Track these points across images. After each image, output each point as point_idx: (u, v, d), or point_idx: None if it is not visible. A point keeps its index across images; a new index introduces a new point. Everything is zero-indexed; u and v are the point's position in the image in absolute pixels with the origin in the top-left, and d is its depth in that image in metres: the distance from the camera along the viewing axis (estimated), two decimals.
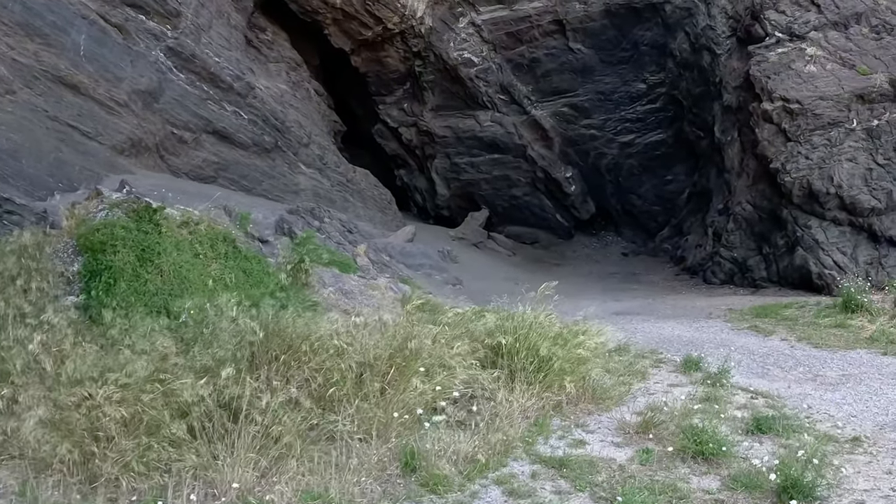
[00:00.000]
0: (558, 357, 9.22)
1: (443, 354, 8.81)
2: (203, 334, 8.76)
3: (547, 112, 32.59)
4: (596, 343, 10.37)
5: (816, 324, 16.08)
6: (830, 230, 20.94)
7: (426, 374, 8.27)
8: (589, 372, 9.46)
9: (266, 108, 26.96)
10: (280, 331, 8.25)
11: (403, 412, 7.68)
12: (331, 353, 7.99)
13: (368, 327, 9.02)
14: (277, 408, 7.26)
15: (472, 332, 9.81)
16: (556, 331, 9.70)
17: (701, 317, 18.06)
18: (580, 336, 9.87)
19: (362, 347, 8.20)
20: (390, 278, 19.77)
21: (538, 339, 9.36)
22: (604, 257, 34.63)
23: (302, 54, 31.90)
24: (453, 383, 8.43)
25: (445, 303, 18.63)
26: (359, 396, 7.75)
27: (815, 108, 20.80)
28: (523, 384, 8.89)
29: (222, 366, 7.57)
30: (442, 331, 9.37)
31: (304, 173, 28.05)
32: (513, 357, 9.18)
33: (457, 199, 35.06)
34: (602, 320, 18.40)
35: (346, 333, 8.41)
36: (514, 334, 9.40)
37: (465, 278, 26.02)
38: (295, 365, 8.03)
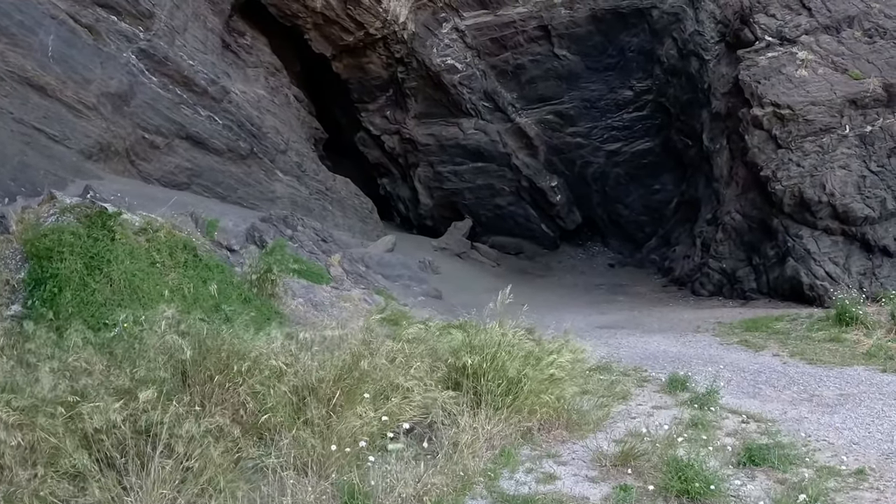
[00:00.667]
0: (529, 378, 8.24)
1: (400, 375, 7.81)
2: (134, 350, 7.79)
3: (532, 120, 31.69)
4: (572, 361, 9.36)
5: (809, 338, 15.16)
6: (822, 240, 20.04)
7: (378, 399, 7.28)
8: (563, 394, 8.45)
9: (242, 114, 26.02)
10: (217, 348, 7.27)
11: (348, 442, 6.66)
12: (266, 375, 6.99)
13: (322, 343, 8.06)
14: (201, 436, 6.27)
15: (436, 351, 8.80)
16: (527, 349, 8.67)
17: (688, 330, 17.12)
18: (554, 354, 8.83)
19: (304, 368, 7.19)
20: (365, 290, 18.90)
21: (507, 358, 8.35)
22: (590, 268, 33.71)
23: (282, 60, 30.99)
24: (409, 408, 7.43)
25: (420, 316, 17.68)
26: (297, 425, 6.74)
27: (806, 114, 19.92)
28: (490, 409, 7.90)
29: (143, 387, 6.58)
30: (401, 348, 8.36)
31: (281, 181, 27.08)
32: (479, 378, 8.20)
33: (440, 208, 34.11)
34: (585, 334, 17.49)
35: (287, 352, 7.40)
36: (481, 353, 8.40)
37: (446, 290, 25.09)
38: (230, 387, 7.04)
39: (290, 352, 7.54)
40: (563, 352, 9.27)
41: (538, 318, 20.91)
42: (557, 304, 24.52)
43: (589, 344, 15.81)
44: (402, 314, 16.20)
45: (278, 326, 12.79)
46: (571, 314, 21.54)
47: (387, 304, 16.68)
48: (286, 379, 7.06)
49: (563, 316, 21.52)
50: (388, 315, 15.93)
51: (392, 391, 7.46)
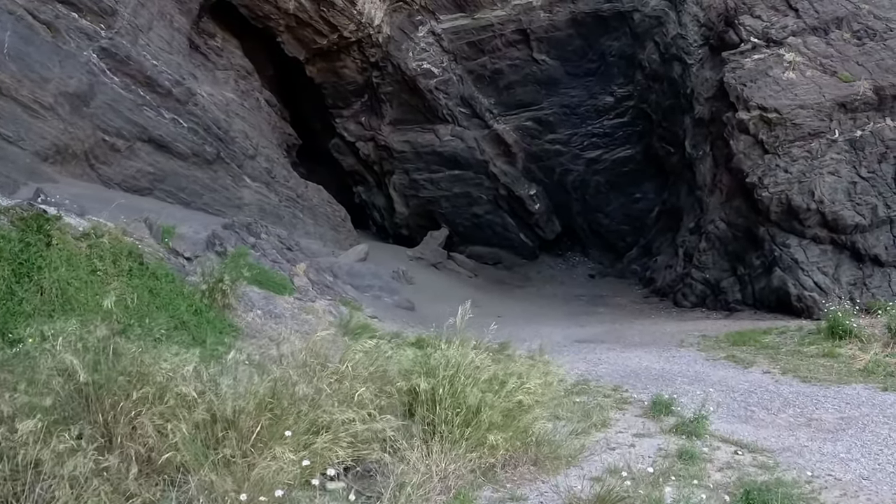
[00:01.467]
0: (492, 406, 7.03)
1: (339, 403, 6.61)
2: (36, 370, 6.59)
3: (510, 126, 30.61)
4: (544, 384, 8.18)
5: (801, 353, 14.09)
6: (811, 249, 19.02)
7: (312, 432, 6.08)
8: (531, 424, 7.26)
9: (208, 117, 24.80)
10: (123, 369, 6.08)
11: (267, 488, 5.45)
12: (171, 405, 5.79)
13: (255, 364, 6.89)
14: (88, 476, 5.10)
15: (386, 373, 7.60)
16: (491, 371, 7.46)
17: (672, 345, 15.99)
18: (522, 377, 7.64)
19: (220, 396, 5.97)
20: (331, 301, 17.79)
21: (467, 382, 7.16)
22: (570, 279, 32.61)
23: (255, 63, 29.86)
24: (346, 443, 6.22)
25: (388, 328, 16.52)
26: (206, 465, 5.53)
27: (794, 118, 18.92)
28: (445, 442, 6.69)
29: (24, 416, 5.40)
30: (346, 371, 7.15)
31: (250, 187, 25.85)
32: (434, 406, 6.99)
33: (416, 217, 32.94)
34: (562, 349, 16.35)
35: (203, 376, 6.19)
36: (437, 376, 7.20)
37: (420, 301, 23.97)
38: (136, 417, 5.83)
39: (207, 375, 6.32)
40: (532, 373, 8.08)
41: (514, 330, 19.79)
42: (535, 315, 23.42)
43: (566, 360, 14.69)
44: (366, 327, 15.11)
45: (231, 340, 11.66)
46: (549, 327, 20.43)
47: (351, 317, 15.59)
48: (197, 409, 5.84)
49: (540, 329, 20.42)
50: (351, 328, 14.84)
51: (328, 422, 6.25)
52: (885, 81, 18.75)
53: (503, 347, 15.39)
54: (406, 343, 10.82)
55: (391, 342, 12.85)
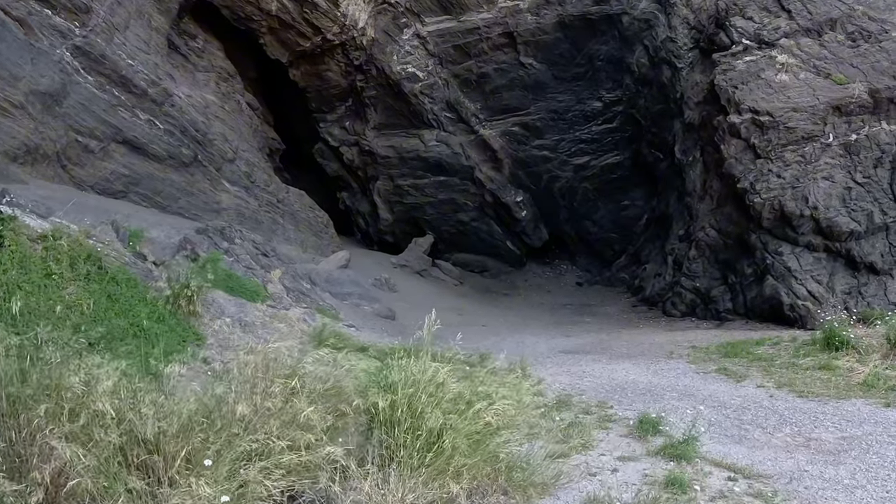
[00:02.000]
0: (455, 429, 6.23)
1: (285, 424, 5.82)
2: None
3: (496, 131, 29.84)
4: (518, 402, 7.39)
5: (796, 365, 13.33)
6: (804, 257, 18.29)
7: (241, 459, 5.28)
8: (501, 447, 6.45)
9: (185, 118, 23.97)
10: (36, 382, 5.32)
11: None
12: (83, 424, 4.99)
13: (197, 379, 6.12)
14: None
15: (342, 389, 6.80)
16: (457, 390, 6.66)
17: (660, 356, 15.22)
18: (492, 396, 6.84)
19: (141, 416, 5.17)
20: (307, 309, 17.03)
21: (430, 401, 6.36)
22: (557, 287, 31.83)
23: (238, 66, 29.07)
24: (287, 469, 5.42)
25: (365, 338, 15.73)
26: (121, 493, 4.73)
27: (787, 121, 18.21)
28: (404, 469, 5.88)
29: None
30: (295, 386, 6.34)
31: (228, 191, 25.02)
32: (392, 428, 6.19)
33: (401, 223, 32.13)
34: (546, 361, 15.56)
35: (121, 391, 5.39)
36: (397, 394, 6.40)
37: (402, 309, 23.20)
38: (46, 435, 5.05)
39: (132, 390, 5.51)
40: (507, 389, 7.28)
41: (497, 340, 19.01)
42: (520, 325, 22.65)
43: (549, 372, 13.91)
44: (340, 336, 14.35)
45: (195, 349, 10.90)
46: (534, 337, 19.66)
47: (324, 326, 14.84)
48: (113, 430, 5.03)
49: (524, 338, 19.66)
50: (324, 337, 14.11)
51: (265, 448, 5.45)
52: (881, 84, 18.07)
53: (483, 359, 14.61)
54: (376, 353, 10.01)
55: (357, 354, 12.08)
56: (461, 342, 18.13)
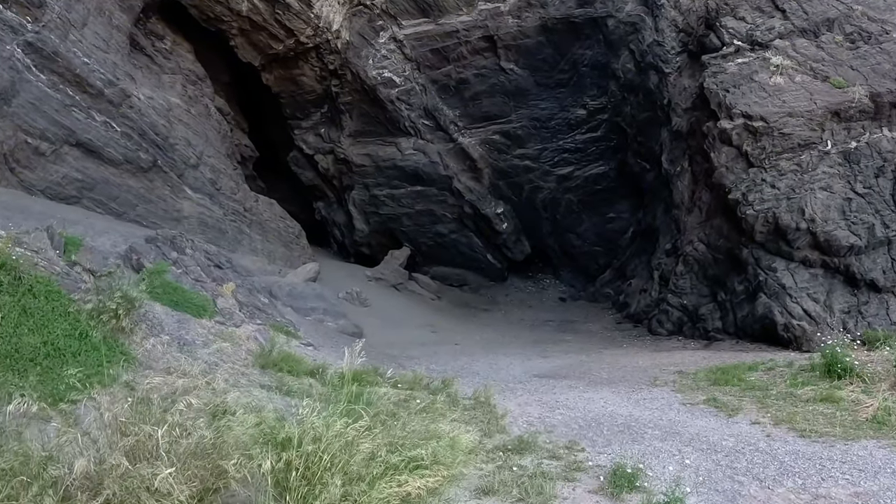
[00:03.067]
0: (371, 497, 4.58)
1: (127, 491, 4.18)
2: None
3: (476, 140, 28.27)
4: (462, 451, 5.76)
5: (794, 396, 11.74)
6: (800, 273, 16.74)
7: None
8: None
9: (144, 121, 22.35)
10: None
11: None
12: None
13: None
14: None
15: (221, 444, 5.14)
16: (370, 448, 5.00)
17: (643, 383, 13.59)
18: (422, 452, 5.20)
19: None
20: (261, 325, 15.40)
21: (334, 462, 4.71)
22: (539, 302, 30.20)
23: (210, 69, 27.50)
24: None
25: (321, 359, 14.07)
26: None
27: (782, 127, 16.67)
28: None
29: None
30: (159, 440, 4.70)
31: (190, 198, 23.36)
32: (280, 498, 4.55)
33: (377, 235, 30.48)
34: (517, 387, 13.91)
35: None
36: (292, 452, 4.75)
37: (371, 325, 21.62)
38: None
39: None
40: (451, 432, 5.64)
41: (469, 362, 17.34)
42: (497, 343, 21.04)
43: (517, 402, 12.27)
44: (290, 357, 12.72)
45: (118, 371, 9.62)
46: (509, 358, 18.04)
47: (274, 345, 13.21)
48: None
49: (498, 360, 18.04)
50: (272, 359, 12.53)
51: None
52: (883, 88, 16.58)
53: (445, 385, 12.96)
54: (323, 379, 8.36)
55: (303, 379, 10.48)
56: (429, 363, 16.45)
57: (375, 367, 14.21)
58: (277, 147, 31.86)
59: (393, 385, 12.62)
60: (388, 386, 12.58)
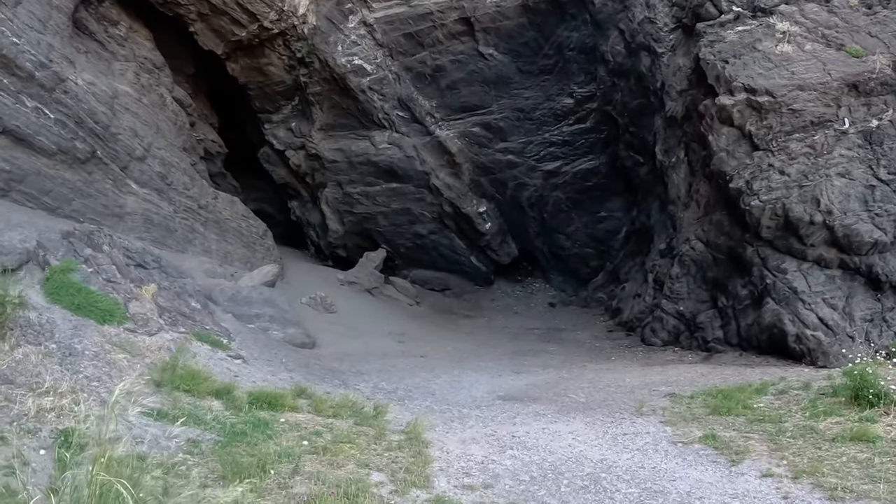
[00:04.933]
0: None
1: None
2: None
3: (454, 132, 25.43)
4: None
5: (816, 431, 8.95)
6: (814, 275, 13.93)
7: None
8: None
9: (82, 108, 19.63)
10: None
11: None
12: None
13: None
14: None
15: None
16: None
17: (626, 410, 10.79)
18: None
19: None
20: (183, 334, 12.83)
21: None
22: (527, 308, 27.37)
23: (173, 59, 24.88)
24: None
25: (241, 377, 11.34)
26: None
27: (791, 102, 13.84)
28: None
29: None
30: None
31: (136, 193, 20.64)
32: None
33: (353, 236, 27.69)
34: (472, 413, 11.13)
35: None
36: None
37: (331, 334, 18.96)
38: None
39: None
40: None
41: (428, 378, 14.51)
42: (469, 355, 18.24)
43: (462, 437, 9.50)
44: (196, 375, 10.14)
45: None
46: (476, 373, 15.22)
47: (178, 359, 10.76)
48: None
49: (463, 376, 15.24)
50: (176, 376, 10.00)
51: None
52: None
53: (377, 412, 10.22)
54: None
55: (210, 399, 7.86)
56: (379, 380, 13.52)
57: (303, 386, 11.50)
58: (254, 144, 29.16)
59: (314, 410, 9.97)
60: (309, 411, 9.95)
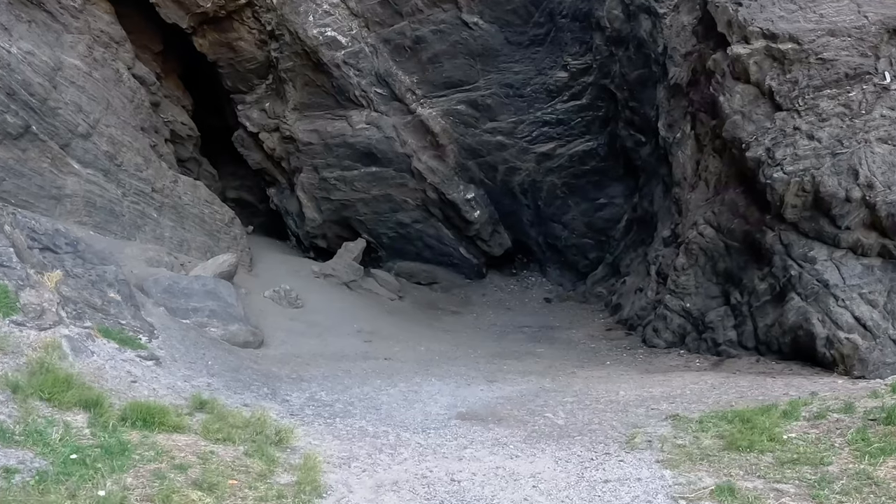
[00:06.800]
0: None
1: None
2: None
3: (437, 111, 22.58)
4: None
5: (874, 481, 6.19)
6: (849, 264, 11.11)
7: None
8: None
9: (15, 78, 17.01)
10: None
11: None
12: None
13: None
14: None
15: None
16: None
17: (614, 440, 7.99)
18: None
19: None
20: (87, 329, 10.20)
21: None
22: (520, 304, 24.55)
23: (138, 34, 22.42)
24: None
25: (145, 378, 8.70)
26: None
27: (821, 50, 11.00)
28: None
29: None
30: None
31: (78, 174, 18.00)
32: None
33: (332, 225, 24.95)
34: (411, 441, 8.39)
35: None
36: None
37: (288, 331, 16.42)
38: None
39: None
40: None
41: (382, 386, 11.53)
42: (443, 358, 15.49)
43: (379, 479, 6.72)
44: (68, 380, 7.53)
45: None
46: (440, 382, 12.40)
47: (41, 362, 8.12)
48: None
49: (423, 385, 12.38)
50: (38, 380, 7.36)
51: None
52: None
53: (280, 439, 7.45)
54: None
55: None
56: (320, 389, 10.97)
57: (206, 398, 8.76)
58: (232, 129, 26.49)
59: (202, 431, 7.27)
60: (197, 432, 7.25)
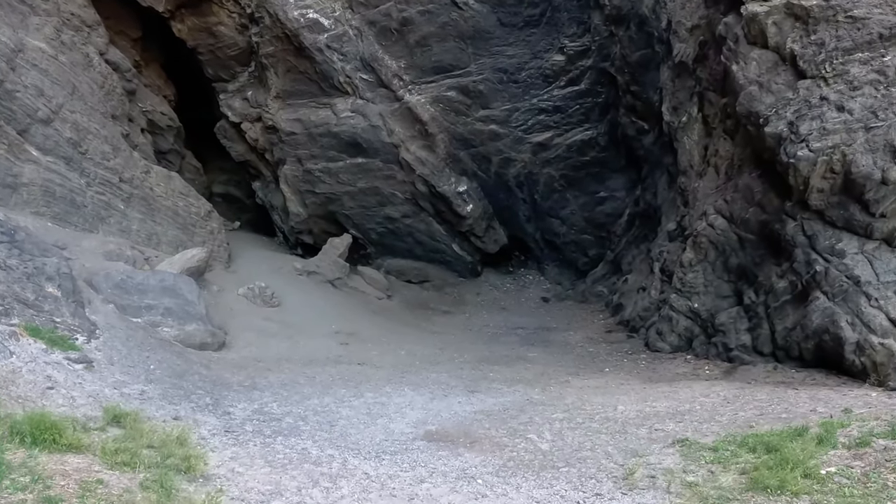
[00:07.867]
0: None
1: None
2: None
3: (426, 98, 20.89)
4: None
5: None
6: (883, 258, 9.46)
7: None
8: None
9: None
10: None
11: None
12: None
13: None
14: None
15: None
16: None
17: (608, 474, 6.36)
18: None
19: None
20: (13, 327, 8.80)
21: None
22: (516, 304, 22.86)
23: (115, 20, 21.06)
24: None
25: (65, 384, 7.06)
26: None
27: (851, 8, 9.31)
28: None
29: None
30: None
31: (36, 161, 16.39)
32: None
33: (318, 220, 23.31)
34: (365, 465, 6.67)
35: None
36: None
37: (258, 332, 14.97)
38: None
39: None
40: None
41: (343, 398, 9.39)
42: (424, 363, 13.89)
43: None
44: None
45: None
46: (414, 392, 10.74)
47: None
48: None
49: (394, 396, 10.60)
50: None
51: None
52: None
53: (188, 466, 5.77)
54: None
55: None
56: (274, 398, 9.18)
57: (124, 410, 7.14)
58: (216, 119, 24.93)
59: (101, 452, 5.64)
60: (95, 452, 5.64)
